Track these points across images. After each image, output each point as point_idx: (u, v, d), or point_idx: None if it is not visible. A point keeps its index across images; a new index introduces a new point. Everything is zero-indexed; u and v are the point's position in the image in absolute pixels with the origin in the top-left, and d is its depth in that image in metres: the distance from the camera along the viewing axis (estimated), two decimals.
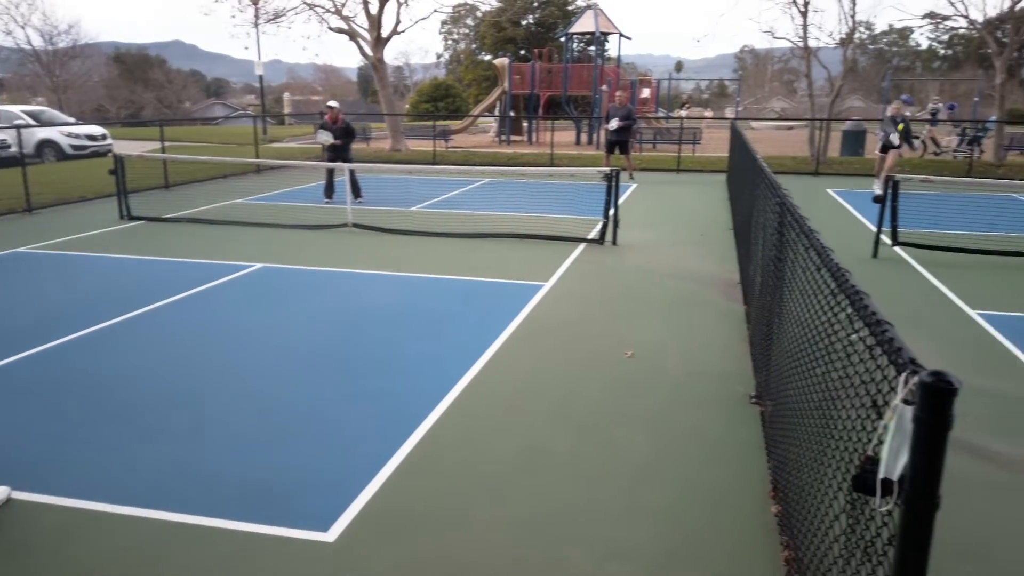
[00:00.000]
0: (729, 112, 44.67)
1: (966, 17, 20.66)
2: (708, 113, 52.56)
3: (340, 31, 24.62)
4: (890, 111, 14.28)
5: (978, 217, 11.75)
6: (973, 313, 6.84)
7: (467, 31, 59.95)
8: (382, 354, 5.74)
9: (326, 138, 13.15)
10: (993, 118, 21.03)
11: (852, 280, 2.38)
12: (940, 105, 25.07)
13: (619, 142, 16.27)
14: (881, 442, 1.64)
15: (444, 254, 9.27)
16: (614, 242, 9.80)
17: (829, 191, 15.56)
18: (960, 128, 22.11)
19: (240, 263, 8.68)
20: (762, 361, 4.90)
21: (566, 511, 3.60)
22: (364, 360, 5.62)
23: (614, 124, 15.88)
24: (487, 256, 9.20)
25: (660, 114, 31.48)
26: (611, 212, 9.84)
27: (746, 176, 8.98)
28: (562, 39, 30.88)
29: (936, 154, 21.79)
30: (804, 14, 19.67)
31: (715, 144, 25.59)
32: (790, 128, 36.47)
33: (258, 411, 4.69)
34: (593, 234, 10.07)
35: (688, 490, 3.81)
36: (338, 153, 13.15)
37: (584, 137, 28.24)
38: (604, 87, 26.60)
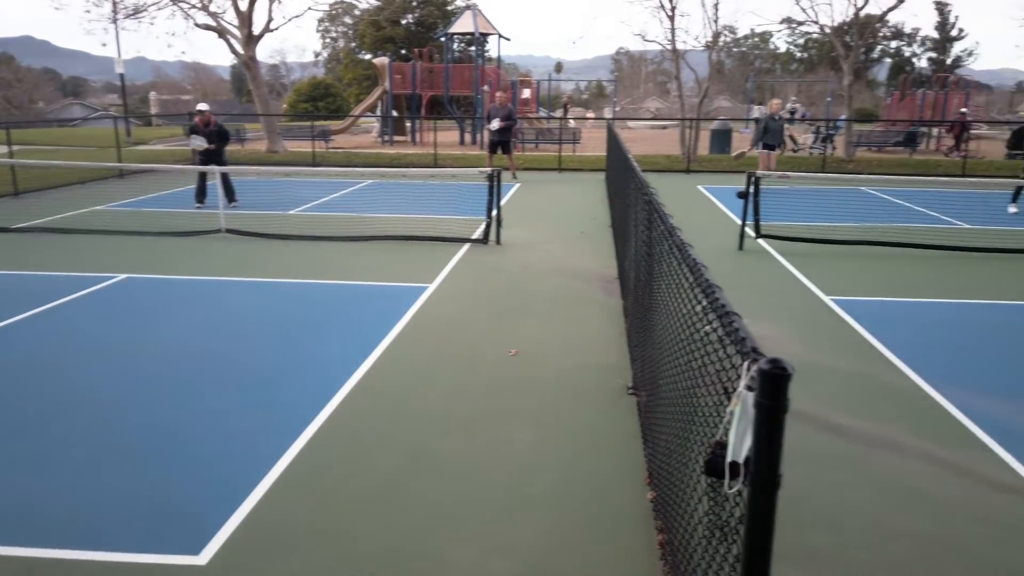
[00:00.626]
0: (607, 112, 46.05)
1: (816, 23, 22.23)
2: (590, 113, 53.97)
3: (208, 28, 23.51)
4: (772, 109, 14.79)
5: (831, 209, 12.70)
6: (827, 299, 7.38)
7: (345, 29, 58.78)
8: (257, 366, 5.53)
9: (200, 143, 12.49)
10: (843, 117, 22.76)
11: (707, 274, 2.51)
12: (797, 105, 26.88)
13: (501, 142, 16.43)
14: (728, 427, 1.74)
15: (325, 258, 9.05)
16: (498, 241, 9.89)
17: (700, 187, 16.34)
18: (815, 127, 23.81)
19: (101, 274, 8.12)
20: (638, 353, 5.10)
21: (450, 512, 3.60)
22: (238, 373, 5.40)
23: (495, 125, 16.03)
24: (370, 259, 9.06)
25: (541, 114, 32.04)
26: (494, 212, 9.92)
27: (621, 175, 9.29)
28: (442, 39, 30.82)
29: (794, 151, 23.35)
30: (672, 18, 20.58)
31: (594, 143, 26.32)
32: (664, 128, 38.05)
33: (118, 433, 4.41)
34: (477, 234, 10.12)
35: (569, 482, 3.90)
36: (211, 157, 12.55)
37: (468, 137, 28.33)
38: (485, 87, 26.78)
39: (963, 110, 25.84)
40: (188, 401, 4.87)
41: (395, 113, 28.58)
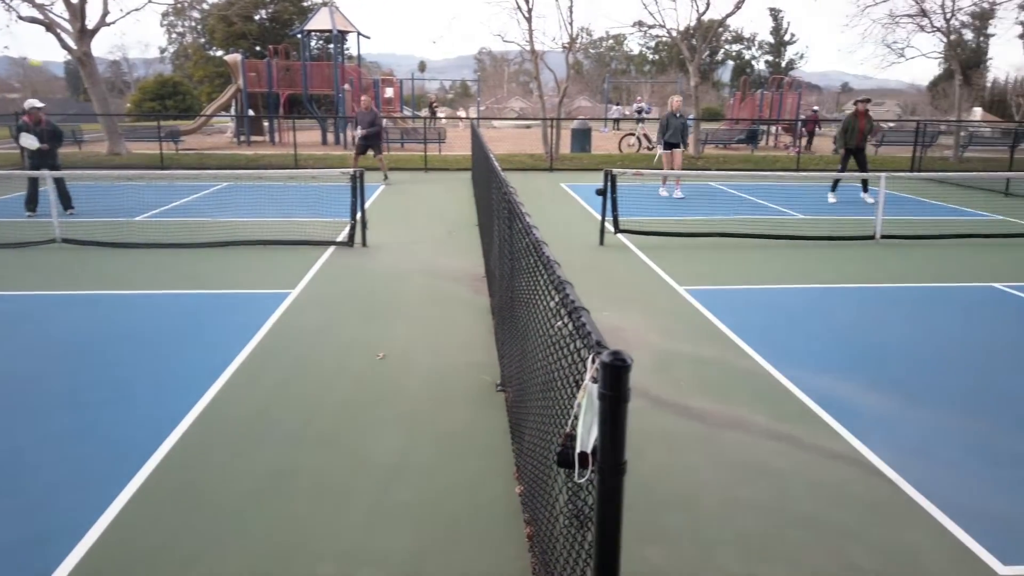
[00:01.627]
0: (472, 112, 46.34)
1: (663, 26, 23.39)
2: (461, 113, 54.07)
3: (34, 21, 21.51)
4: (673, 106, 14.27)
5: (683, 203, 13.44)
6: (681, 289, 7.79)
7: (194, 24, 55.61)
8: (96, 387, 5.13)
9: (31, 142, 11.37)
10: (691, 116, 24.10)
11: (559, 271, 2.58)
12: (644, 104, 28.27)
13: (369, 145, 16.26)
14: (577, 419, 1.80)
15: (176, 267, 8.53)
16: (363, 243, 9.72)
17: (563, 185, 16.79)
18: None
19: None
20: (505, 350, 5.17)
21: (316, 528, 3.50)
22: (78, 396, 4.98)
23: (360, 132, 15.92)
24: (226, 266, 8.63)
25: (406, 113, 31.76)
26: (359, 213, 9.74)
27: (485, 174, 9.38)
28: (298, 36, 29.83)
29: (649, 149, 24.48)
30: (529, 20, 20.97)
31: (461, 143, 26.43)
32: (528, 127, 38.79)
33: None
34: (342, 237, 9.89)
35: (439, 484, 3.90)
36: (44, 159, 11.48)
37: (331, 137, 27.62)
38: (347, 86, 26.20)
39: (815, 108, 28.16)
40: (23, 428, 4.44)
41: (251, 112, 27.40)
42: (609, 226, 10.15)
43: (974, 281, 8.14)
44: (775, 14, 73.30)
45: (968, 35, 55.59)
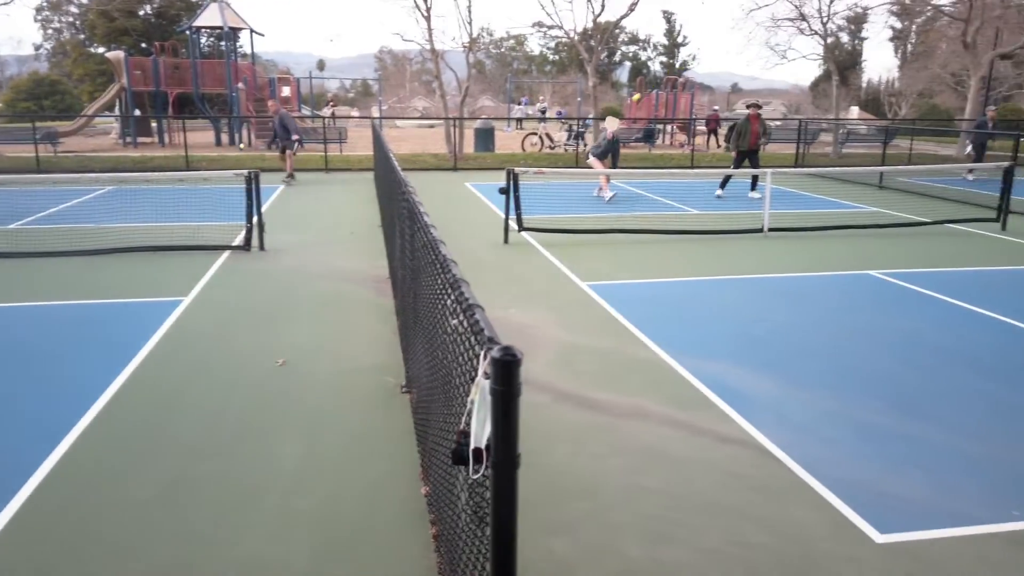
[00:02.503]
0: (375, 111, 45.69)
1: (561, 27, 23.78)
2: (355, 112, 53.14)
3: None
4: (608, 135, 14.15)
5: (585, 201, 13.72)
6: (584, 284, 7.96)
7: (72, 19, 52.29)
8: None
9: None
10: (591, 116, 24.63)
11: (455, 270, 2.59)
12: (546, 104, 28.67)
13: (286, 145, 16.54)
14: (470, 416, 1.81)
15: (55, 277, 8.01)
16: (261, 247, 9.42)
17: (467, 184, 16.80)
18: (567, 125, 25.52)
19: None
20: (409, 351, 5.13)
21: (214, 540, 3.38)
22: None
23: (294, 139, 16.33)
24: (112, 274, 8.17)
25: (305, 113, 30.98)
26: (255, 216, 9.43)
27: (386, 174, 9.27)
28: (187, 33, 28.55)
29: (551, 148, 24.85)
30: (428, 19, 20.88)
31: (363, 143, 26.01)
32: (431, 127, 38.59)
33: None
34: (238, 241, 9.55)
35: (344, 488, 3.84)
36: None
37: (225, 137, 26.61)
38: (240, 84, 25.31)
39: (716, 108, 29.30)
40: None
41: (137, 112, 26.04)
42: (513, 224, 10.24)
43: (852, 269, 8.70)
44: (668, 16, 75.86)
45: (844, 38, 59.21)
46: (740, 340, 6.19)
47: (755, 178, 14.62)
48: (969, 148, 19.02)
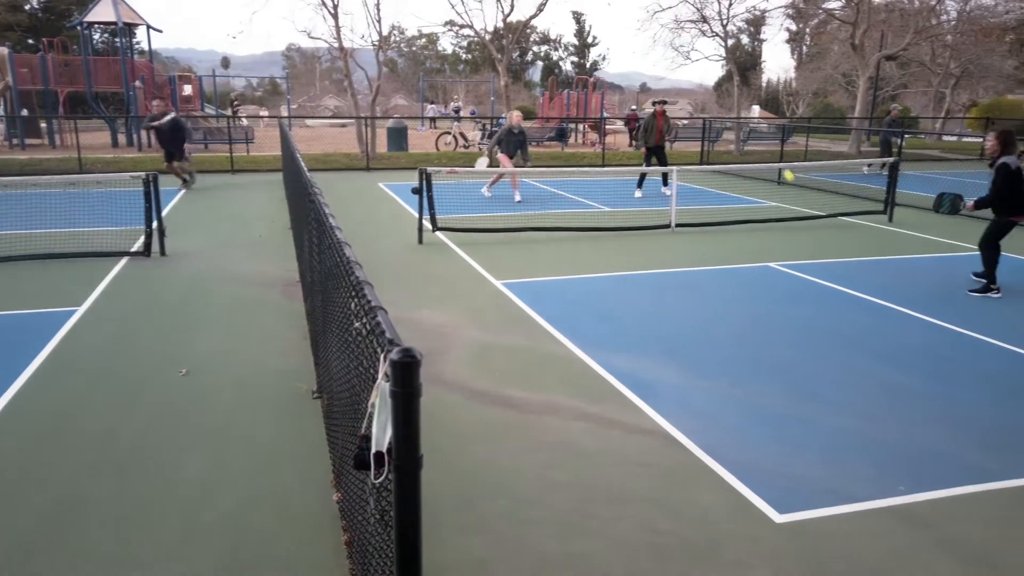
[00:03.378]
0: (283, 110, 44.48)
1: (471, 27, 23.82)
2: (264, 112, 51.56)
3: None
4: (512, 121, 14.01)
5: (498, 199, 13.76)
6: (498, 283, 8.00)
7: None
8: None
9: None
10: (504, 115, 24.74)
11: (359, 273, 2.56)
12: (460, 104, 28.68)
13: (167, 151, 15.14)
14: (371, 419, 1.80)
15: None
16: (162, 252, 9.04)
17: (381, 185, 16.60)
18: (481, 124, 25.58)
19: None
20: (320, 355, 5.03)
21: (112, 562, 3.22)
22: None
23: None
24: None
25: (209, 112, 29.89)
26: (155, 220, 9.03)
27: (294, 175, 9.06)
28: (78, 28, 27.03)
29: (465, 147, 24.85)
30: (335, 16, 20.49)
31: (271, 143, 25.30)
32: (344, 126, 37.91)
33: None
34: (137, 246, 9.13)
35: (252, 499, 3.73)
36: None
37: (122, 138, 25.36)
38: (138, 83, 24.18)
39: (633, 107, 29.91)
40: None
41: (25, 112, 24.49)
42: (428, 224, 10.18)
43: (753, 262, 9.08)
44: (577, 17, 77.10)
45: (744, 40, 61.65)
46: (649, 333, 6.37)
47: (665, 175, 15.03)
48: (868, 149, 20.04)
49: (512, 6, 25.22)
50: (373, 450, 1.75)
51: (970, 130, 33.24)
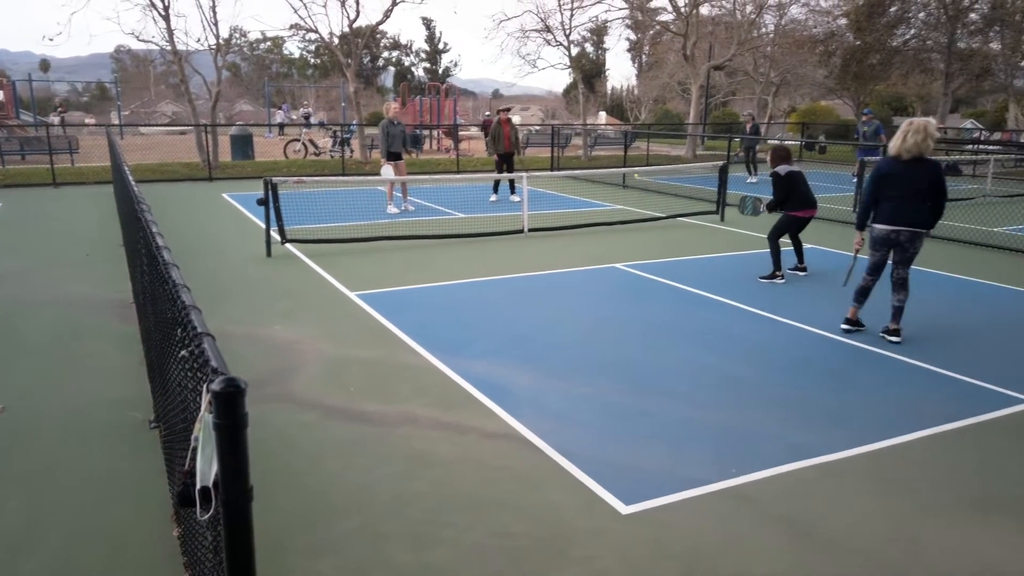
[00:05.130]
0: (113, 117, 41.28)
1: (315, 31, 23.22)
2: (90, 119, 47.61)
3: None
4: (390, 113, 13.47)
5: (351, 208, 13.52)
6: (352, 294, 7.85)
7: None
8: None
9: None
10: (355, 122, 24.32)
11: (185, 297, 2.44)
12: (310, 109, 27.87)
13: None
14: (196, 453, 1.72)
15: None
16: None
17: (225, 195, 15.82)
18: (332, 131, 24.98)
19: None
20: (157, 382, 4.72)
21: None
22: None
23: None
24: None
25: (26, 120, 27.23)
26: None
27: (124, 188, 8.45)
28: None
29: (316, 155, 24.17)
30: (166, 18, 19.30)
31: (99, 152, 23.40)
32: (183, 133, 35.75)
33: None
34: None
35: (82, 540, 3.44)
36: None
37: None
38: None
39: (487, 113, 30.11)
40: None
41: None
42: (276, 236, 9.81)
43: (601, 263, 9.48)
44: (427, 23, 77.19)
45: (589, 49, 64.13)
46: (504, 338, 6.49)
47: (512, 181, 15.30)
48: (740, 152, 20.60)
49: (357, 12, 24.79)
50: (199, 485, 1.68)
51: (791, 133, 36.39)
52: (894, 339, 6.36)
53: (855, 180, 14.46)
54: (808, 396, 5.28)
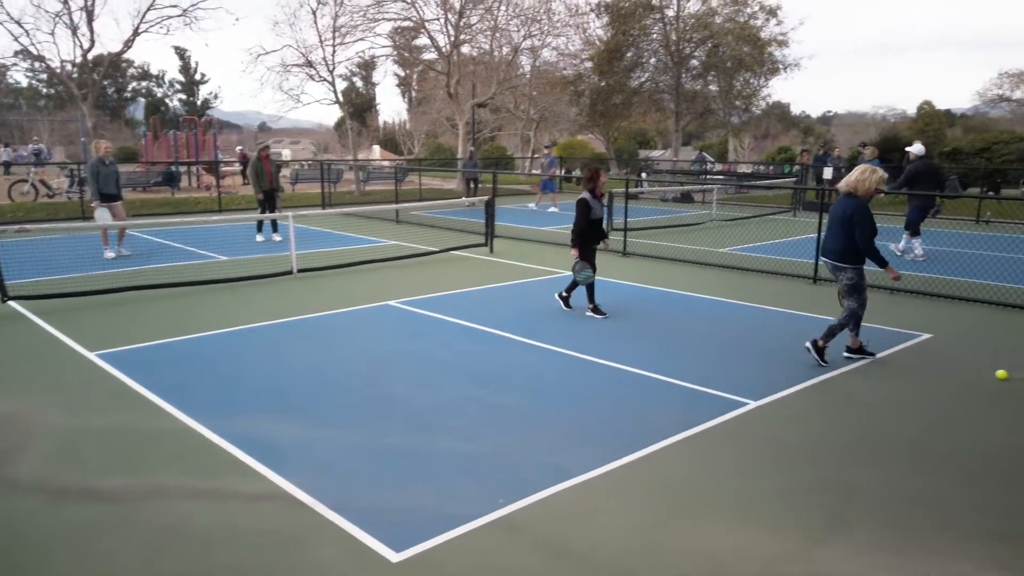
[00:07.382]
0: None
1: (42, 60, 20.82)
2: None
3: None
4: (100, 151, 12.31)
5: (93, 257, 12.16)
6: (91, 355, 7.04)
7: None
8: None
9: None
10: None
11: None
12: (41, 145, 24.89)
13: None
14: None
15: None
16: None
17: None
18: (68, 169, 22.41)
19: None
20: None
21: None
22: None
23: None
24: None
25: None
26: None
27: None
28: None
29: (50, 196, 21.53)
30: None
31: None
32: None
33: None
34: None
35: None
36: None
37: None
38: None
39: (240, 147, 28.38)
40: None
41: None
42: None
43: (374, 301, 9.40)
44: (181, 53, 72.34)
45: (359, 83, 64.05)
46: (269, 389, 6.17)
47: (274, 221, 14.67)
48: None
49: (92, 41, 22.50)
50: None
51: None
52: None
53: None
54: (570, 420, 5.60)
